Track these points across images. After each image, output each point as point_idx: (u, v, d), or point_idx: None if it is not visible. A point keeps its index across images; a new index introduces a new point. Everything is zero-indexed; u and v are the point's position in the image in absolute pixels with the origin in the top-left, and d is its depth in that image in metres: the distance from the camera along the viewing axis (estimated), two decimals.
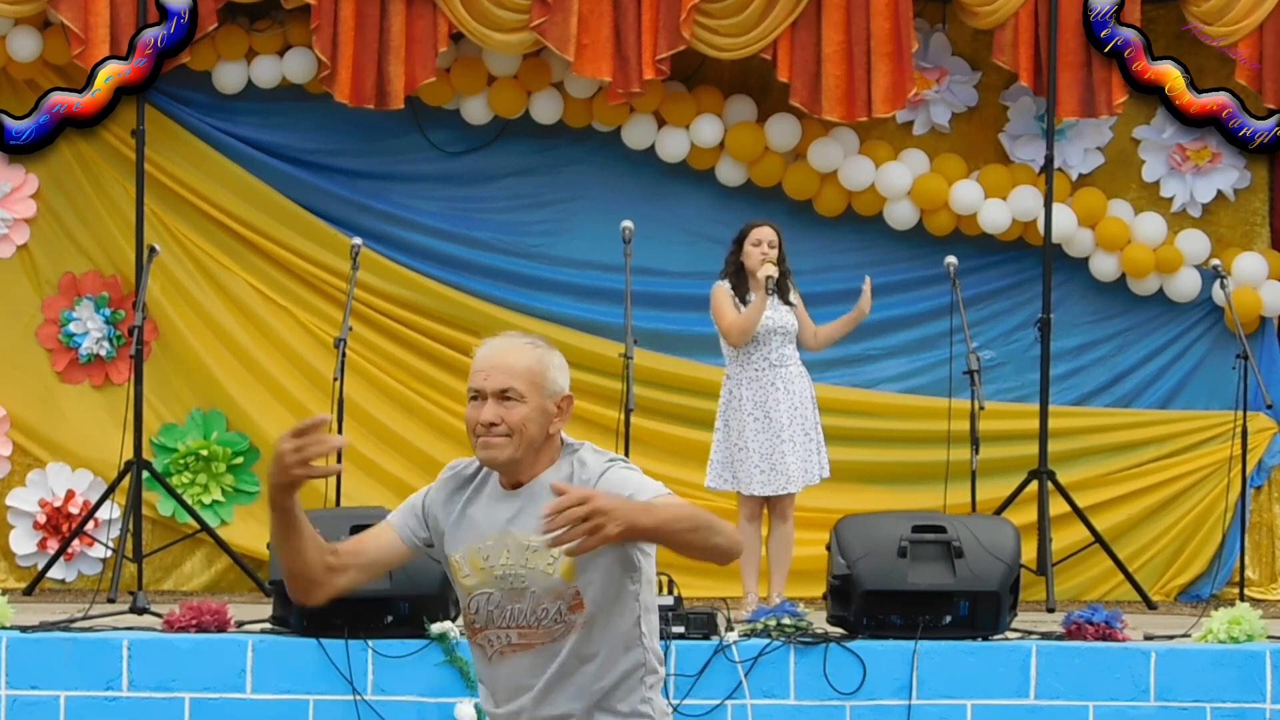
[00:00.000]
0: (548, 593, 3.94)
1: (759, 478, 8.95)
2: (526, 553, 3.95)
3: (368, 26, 10.25)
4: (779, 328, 9.06)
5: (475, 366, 3.99)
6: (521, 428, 3.93)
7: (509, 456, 3.95)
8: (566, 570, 3.92)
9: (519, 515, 3.97)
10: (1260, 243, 11.01)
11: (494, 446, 3.94)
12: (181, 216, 10.63)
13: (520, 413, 3.93)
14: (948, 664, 8.03)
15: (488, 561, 3.99)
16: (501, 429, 3.93)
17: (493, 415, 3.93)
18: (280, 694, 7.89)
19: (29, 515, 10.47)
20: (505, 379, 3.95)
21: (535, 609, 3.96)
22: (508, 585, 3.97)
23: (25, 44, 10.37)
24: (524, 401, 3.94)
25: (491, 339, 4.07)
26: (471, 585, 4.02)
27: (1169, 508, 10.83)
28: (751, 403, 9.02)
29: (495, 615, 4.00)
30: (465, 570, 4.03)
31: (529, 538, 3.94)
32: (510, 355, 3.99)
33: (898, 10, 10.29)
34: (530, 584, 3.95)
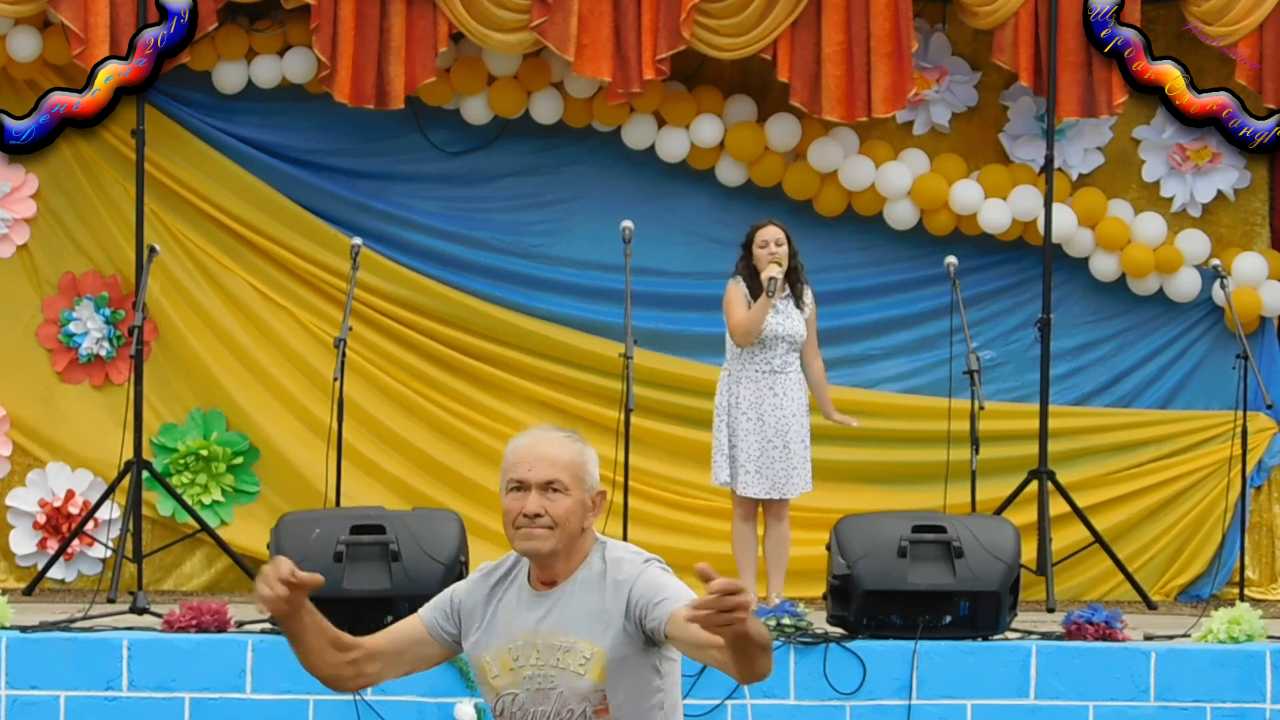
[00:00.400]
0: (574, 694, 3.97)
1: (743, 479, 8.96)
2: (557, 653, 3.98)
3: (368, 26, 10.25)
4: (785, 334, 9.05)
5: (515, 458, 3.99)
6: (565, 520, 3.96)
7: (551, 548, 3.97)
8: (598, 673, 3.95)
9: (549, 615, 4.00)
10: (1260, 243, 11.00)
11: (537, 538, 3.95)
12: (181, 216, 10.63)
13: (564, 505, 3.96)
14: (948, 664, 8.04)
15: (516, 662, 4.01)
16: (545, 520, 3.95)
17: (537, 506, 3.94)
18: (280, 694, 7.89)
19: (29, 515, 10.47)
20: (550, 471, 3.96)
21: (561, 710, 3.99)
22: (535, 686, 3.99)
23: (25, 44, 10.37)
24: (567, 494, 3.96)
25: (527, 432, 4.08)
26: (500, 686, 4.04)
27: (1169, 508, 10.83)
28: (748, 403, 9.03)
29: (518, 716, 4.02)
30: (494, 671, 4.05)
31: (559, 638, 3.98)
32: (553, 448, 4.00)
33: (898, 10, 10.29)
34: (559, 684, 3.97)
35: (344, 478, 9.41)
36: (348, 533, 7.97)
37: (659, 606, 3.88)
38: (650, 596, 3.89)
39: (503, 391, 10.78)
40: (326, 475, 9.30)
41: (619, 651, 3.94)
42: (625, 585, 3.93)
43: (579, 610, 3.97)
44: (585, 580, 3.98)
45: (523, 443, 4.02)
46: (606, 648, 3.94)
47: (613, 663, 3.93)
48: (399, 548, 7.93)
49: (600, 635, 3.95)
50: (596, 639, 3.95)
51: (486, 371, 10.77)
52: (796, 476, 8.99)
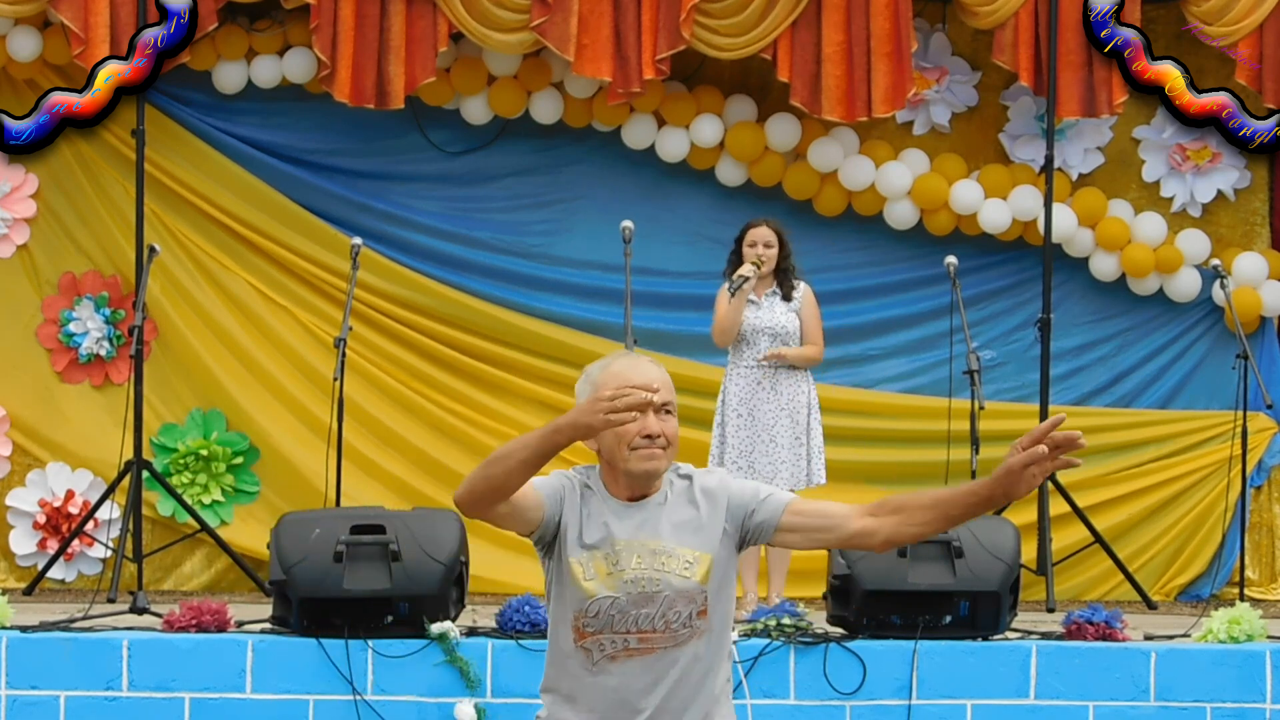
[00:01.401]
0: (681, 596, 4.07)
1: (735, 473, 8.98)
2: (660, 557, 4.08)
3: (368, 26, 10.25)
4: (767, 328, 9.06)
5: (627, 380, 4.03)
6: (676, 439, 4.11)
7: (665, 467, 4.12)
8: (703, 574, 4.09)
9: (646, 523, 4.10)
10: (1260, 243, 11.01)
11: (657, 458, 4.08)
12: (181, 216, 10.63)
13: (674, 425, 4.12)
14: (948, 664, 8.03)
15: (617, 566, 4.08)
16: (662, 441, 4.08)
17: (658, 427, 4.06)
18: (280, 694, 7.89)
19: (29, 515, 10.47)
20: (668, 394, 4.10)
21: (666, 613, 4.07)
22: (638, 589, 4.07)
23: (25, 44, 10.37)
24: (674, 415, 4.12)
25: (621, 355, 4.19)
26: (594, 589, 4.09)
27: (1169, 508, 10.83)
28: (737, 399, 9.06)
29: (616, 620, 4.08)
30: (588, 574, 4.10)
31: (659, 543, 4.08)
32: (656, 371, 4.13)
33: (898, 10, 10.29)
34: (664, 588, 4.06)
35: (344, 478, 9.40)
36: (348, 533, 7.96)
37: (767, 501, 4.11)
38: (750, 495, 4.12)
39: (503, 391, 10.78)
40: (326, 475, 9.30)
41: (720, 555, 4.10)
42: (720, 492, 4.12)
43: (675, 519, 4.10)
44: (675, 493, 4.12)
45: (624, 367, 4.11)
46: (712, 551, 4.09)
47: (716, 565, 4.09)
48: (399, 548, 7.92)
49: (701, 541, 4.09)
50: (698, 545, 4.09)
51: (486, 371, 10.78)
52: (784, 471, 8.98)
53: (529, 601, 8.10)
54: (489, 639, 8.01)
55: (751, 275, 9.01)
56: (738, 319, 9.04)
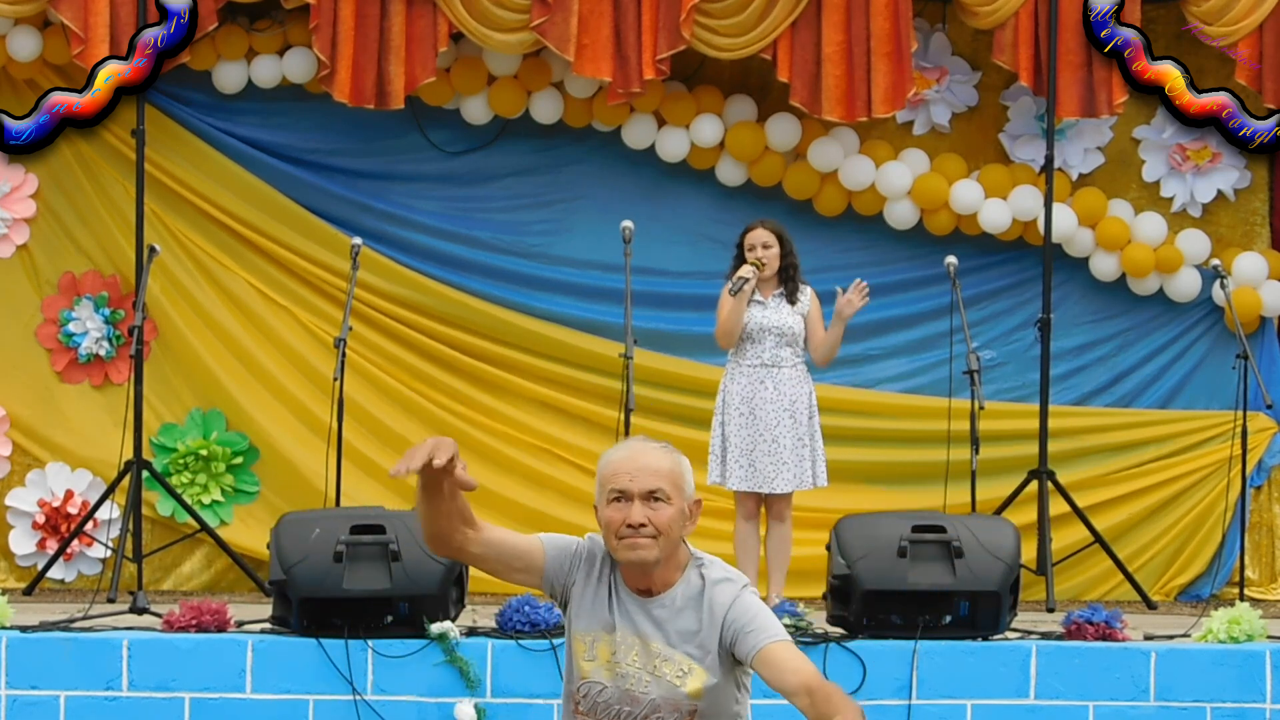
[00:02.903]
0: (667, 703, 4.04)
1: (738, 473, 8.99)
2: (656, 660, 4.04)
3: (368, 26, 10.25)
4: (774, 327, 9.07)
5: (615, 468, 4.04)
6: (668, 529, 4.03)
7: (655, 557, 4.03)
8: (695, 688, 4.03)
9: (650, 621, 4.06)
10: (1260, 243, 11.01)
11: (642, 548, 4.02)
12: (181, 216, 10.63)
13: (667, 514, 4.03)
14: (948, 664, 8.04)
15: (615, 655, 4.07)
16: (649, 530, 4.02)
17: (641, 516, 4.01)
18: (280, 694, 7.89)
19: (28, 515, 10.47)
20: (653, 480, 4.03)
21: (648, 715, 4.05)
22: (626, 685, 4.05)
23: (25, 44, 10.37)
24: (669, 503, 4.03)
25: (623, 443, 4.15)
26: (589, 671, 4.09)
27: (1169, 508, 10.83)
28: (739, 398, 9.06)
29: (600, 708, 4.08)
30: (589, 654, 4.10)
31: (659, 646, 4.04)
32: (653, 457, 4.06)
33: (898, 10, 10.29)
34: (653, 692, 4.03)
35: (344, 478, 9.41)
36: (348, 533, 7.97)
37: (749, 636, 4.00)
38: (743, 624, 4.01)
39: (503, 391, 10.78)
40: (326, 475, 9.30)
41: (715, 671, 4.04)
42: (721, 610, 4.03)
43: (679, 625, 4.04)
44: (685, 595, 4.06)
45: (621, 454, 4.07)
46: (705, 667, 4.03)
47: (709, 681, 4.03)
48: (399, 548, 7.93)
49: (698, 655, 4.03)
50: (694, 656, 4.03)
51: (486, 371, 10.77)
52: (786, 471, 8.98)
53: (529, 601, 8.10)
54: (489, 639, 8.02)
55: (751, 276, 9.01)
56: (739, 320, 9.04)
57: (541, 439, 10.68)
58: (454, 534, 4.07)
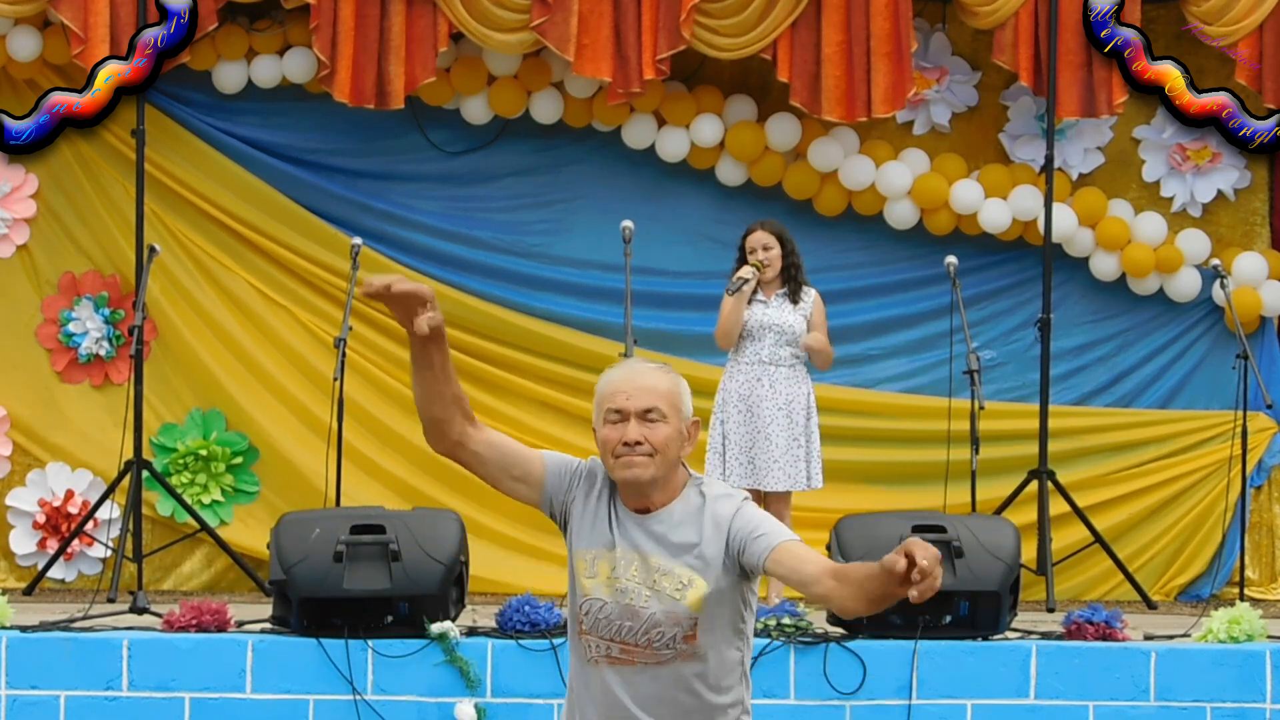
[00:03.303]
0: (668, 617, 4.02)
1: (738, 470, 9.01)
2: (655, 574, 4.02)
3: (368, 26, 10.25)
4: (774, 325, 9.08)
5: (613, 388, 4.05)
6: (664, 447, 4.02)
7: (651, 475, 4.03)
8: (695, 601, 4.01)
9: (649, 537, 4.05)
10: (1260, 243, 11.01)
11: (637, 465, 4.01)
12: (181, 216, 10.63)
13: (664, 432, 4.03)
14: (948, 664, 8.04)
15: (614, 571, 4.05)
16: (645, 448, 4.01)
17: (637, 434, 4.01)
18: (280, 694, 7.89)
19: (29, 515, 10.47)
20: (649, 399, 4.03)
21: (649, 630, 4.03)
22: (627, 600, 4.04)
23: (25, 44, 10.37)
24: (666, 422, 4.03)
25: (620, 364, 4.14)
26: (590, 588, 4.08)
27: (1169, 508, 10.83)
28: (737, 395, 9.08)
29: (602, 624, 4.07)
30: (590, 571, 4.09)
31: (658, 559, 4.03)
32: (650, 377, 4.07)
33: (898, 10, 10.29)
34: (652, 605, 4.02)
35: (344, 478, 9.41)
36: (348, 533, 7.97)
37: (758, 540, 3.97)
38: (749, 531, 3.98)
39: (503, 391, 10.78)
40: (326, 475, 9.30)
41: (717, 584, 4.01)
42: (725, 521, 4.01)
43: (678, 538, 4.02)
44: (684, 511, 4.05)
45: (618, 374, 4.08)
46: (708, 579, 4.00)
47: (711, 595, 4.00)
48: (399, 548, 7.93)
49: (701, 567, 4.01)
50: (695, 569, 4.01)
51: (486, 371, 10.77)
52: (778, 470, 8.98)
53: (529, 601, 8.10)
54: (489, 639, 8.02)
55: (751, 277, 9.02)
56: (738, 320, 9.05)
57: (541, 439, 10.67)
58: (451, 424, 4.06)
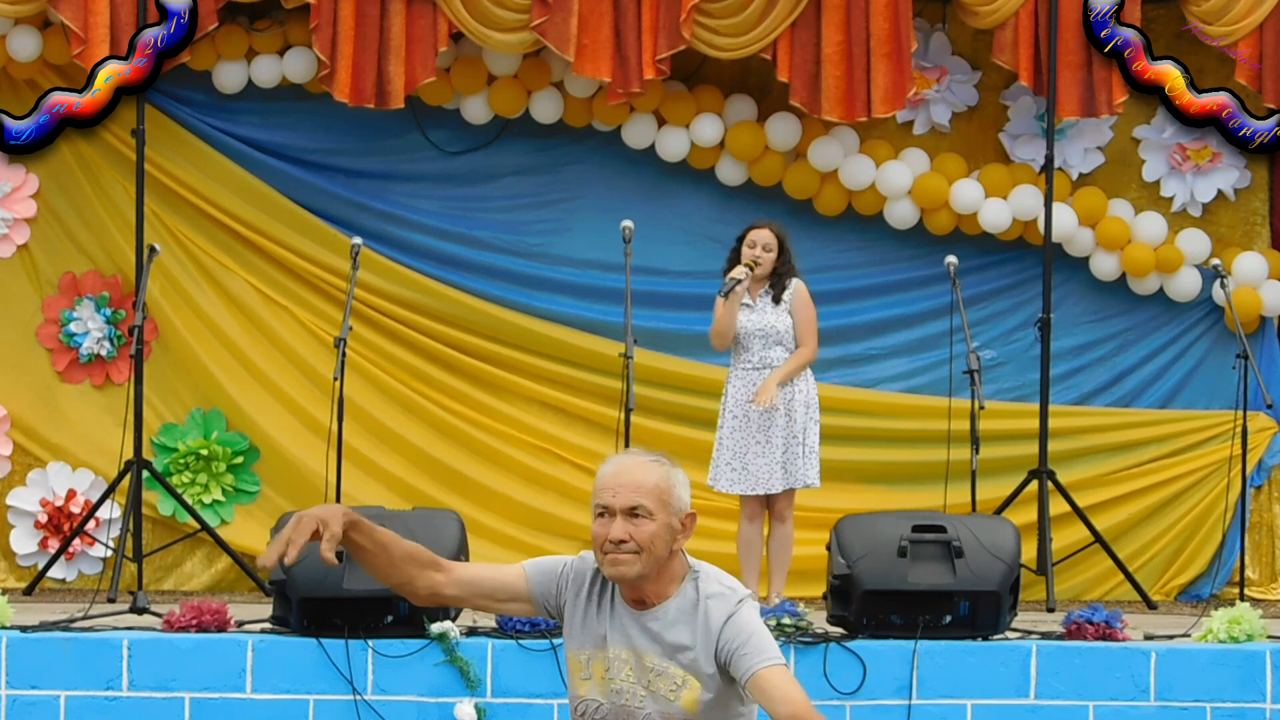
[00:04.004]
0: (664, 718, 4.02)
1: (728, 475, 8.99)
2: (649, 674, 4.02)
3: (368, 26, 10.25)
4: (759, 330, 9.06)
5: (602, 484, 4.05)
6: (650, 545, 4.01)
7: (636, 573, 4.02)
8: (690, 702, 4.00)
9: (644, 635, 4.05)
10: (1260, 243, 11.00)
11: (622, 563, 4.01)
12: (181, 216, 10.63)
13: (649, 530, 4.01)
14: (948, 664, 8.04)
15: (608, 672, 4.06)
16: (630, 546, 4.00)
17: (621, 532, 4.00)
18: (280, 694, 7.89)
19: (30, 515, 10.47)
20: (634, 496, 4.01)
21: None
22: (620, 701, 4.04)
23: (25, 44, 10.37)
24: (652, 519, 4.01)
25: (616, 456, 4.13)
26: (585, 691, 4.09)
27: (1169, 508, 10.83)
28: (735, 400, 9.08)
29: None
30: (585, 673, 4.10)
31: (652, 659, 4.02)
32: (638, 473, 4.04)
33: (898, 10, 10.29)
34: (647, 706, 4.02)
35: (344, 478, 9.40)
36: None
37: (743, 659, 3.94)
38: (736, 645, 3.96)
39: (503, 391, 10.78)
40: (326, 475, 9.30)
41: (710, 685, 4.00)
42: (715, 629, 3.99)
43: (671, 638, 4.02)
44: (679, 608, 4.03)
45: (609, 468, 4.07)
46: (700, 680, 4.00)
47: (703, 695, 3.99)
48: None
49: (691, 667, 4.00)
50: (688, 668, 4.00)
51: (486, 371, 10.77)
52: (779, 471, 8.98)
53: None
54: (489, 639, 8.02)
55: (743, 278, 9.00)
56: (732, 322, 9.04)
57: (541, 439, 10.68)
58: (415, 583, 4.12)
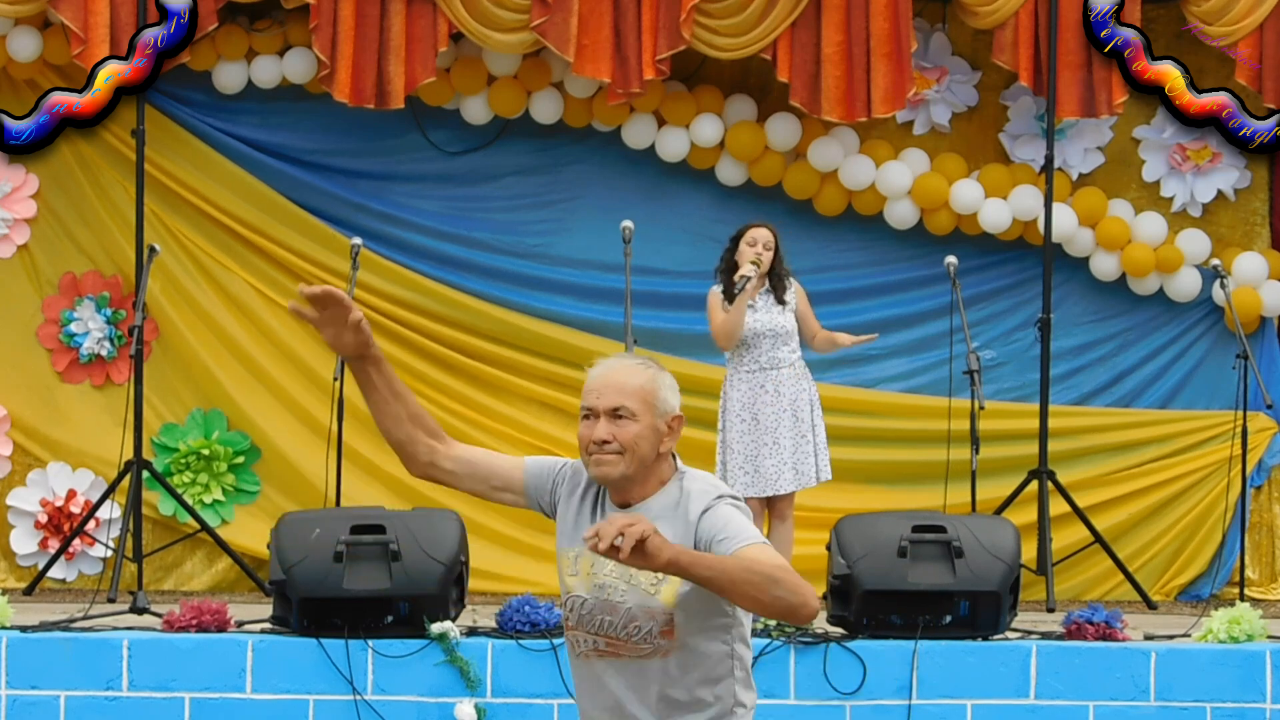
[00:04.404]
0: (643, 611, 4.03)
1: (742, 479, 8.98)
2: (631, 569, 4.00)
3: (367, 26, 10.25)
4: (768, 330, 9.06)
5: (588, 386, 4.09)
6: (634, 445, 4.03)
7: (620, 473, 4.04)
8: (669, 595, 4.01)
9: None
10: (1260, 243, 11.01)
11: (606, 463, 4.04)
12: (181, 216, 10.64)
13: (632, 431, 4.04)
14: (948, 664, 8.04)
15: (593, 567, 4.07)
16: (614, 446, 4.03)
17: (605, 433, 4.04)
18: (280, 694, 7.89)
19: (30, 515, 10.47)
20: (618, 397, 4.05)
21: (627, 624, 4.04)
22: (604, 595, 4.05)
23: (25, 44, 10.38)
24: (636, 420, 4.04)
25: (604, 359, 4.16)
26: (573, 585, 4.11)
27: (1169, 508, 10.83)
28: (739, 404, 9.05)
29: (586, 620, 4.09)
30: (572, 569, 4.12)
31: None
32: (623, 374, 4.08)
33: (897, 10, 10.29)
34: (628, 599, 4.03)
35: (344, 478, 9.41)
36: (348, 532, 7.97)
37: (721, 544, 3.93)
38: (714, 534, 3.95)
39: (503, 391, 10.78)
40: (327, 475, 9.30)
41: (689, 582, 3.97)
42: (693, 521, 4.00)
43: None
44: (662, 506, 4.04)
45: (596, 371, 4.12)
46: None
47: (684, 589, 3.98)
48: (399, 547, 7.93)
49: None
50: None
51: (486, 371, 10.78)
52: (789, 471, 8.98)
53: (529, 601, 8.11)
54: (489, 639, 8.02)
55: (753, 274, 9.00)
56: (741, 320, 9.02)
57: (541, 439, 10.68)
58: (416, 445, 4.12)
